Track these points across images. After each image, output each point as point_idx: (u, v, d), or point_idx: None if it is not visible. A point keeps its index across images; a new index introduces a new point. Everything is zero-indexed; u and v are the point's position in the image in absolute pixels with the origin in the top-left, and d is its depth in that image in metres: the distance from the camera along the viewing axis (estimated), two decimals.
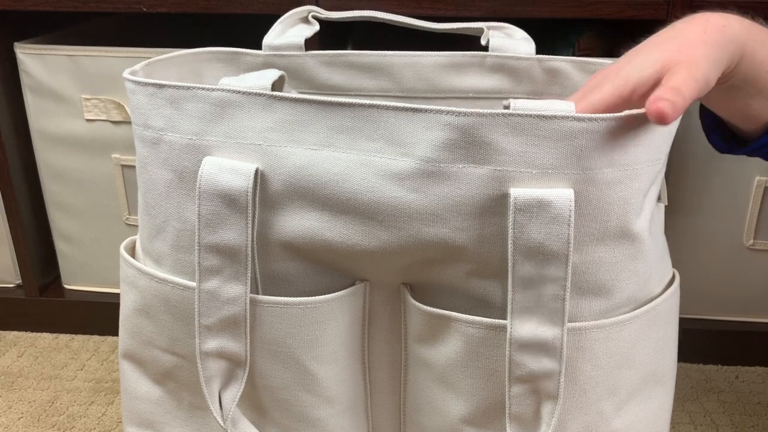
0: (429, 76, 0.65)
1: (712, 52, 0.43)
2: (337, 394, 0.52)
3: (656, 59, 0.43)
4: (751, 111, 0.48)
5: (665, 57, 0.43)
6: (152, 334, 0.53)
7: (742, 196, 0.92)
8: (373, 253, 0.47)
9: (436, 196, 0.44)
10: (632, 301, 0.48)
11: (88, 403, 0.92)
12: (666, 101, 0.39)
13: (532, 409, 0.46)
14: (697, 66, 0.42)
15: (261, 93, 0.46)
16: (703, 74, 0.42)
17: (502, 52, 0.63)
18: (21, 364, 1.00)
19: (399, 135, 0.44)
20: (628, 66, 0.44)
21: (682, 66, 0.42)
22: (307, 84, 0.65)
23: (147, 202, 0.52)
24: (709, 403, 0.92)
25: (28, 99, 0.99)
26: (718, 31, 0.44)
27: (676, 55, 0.43)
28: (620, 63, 0.45)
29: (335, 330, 0.50)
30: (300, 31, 0.64)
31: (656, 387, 0.51)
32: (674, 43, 0.44)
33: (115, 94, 0.96)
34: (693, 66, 0.42)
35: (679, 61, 0.43)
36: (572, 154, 0.42)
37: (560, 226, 0.42)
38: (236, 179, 0.46)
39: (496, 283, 0.46)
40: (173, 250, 0.51)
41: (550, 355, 0.44)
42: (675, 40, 0.44)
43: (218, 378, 0.50)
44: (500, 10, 0.87)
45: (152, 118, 0.49)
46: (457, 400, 0.49)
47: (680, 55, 0.43)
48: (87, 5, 0.92)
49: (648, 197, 0.46)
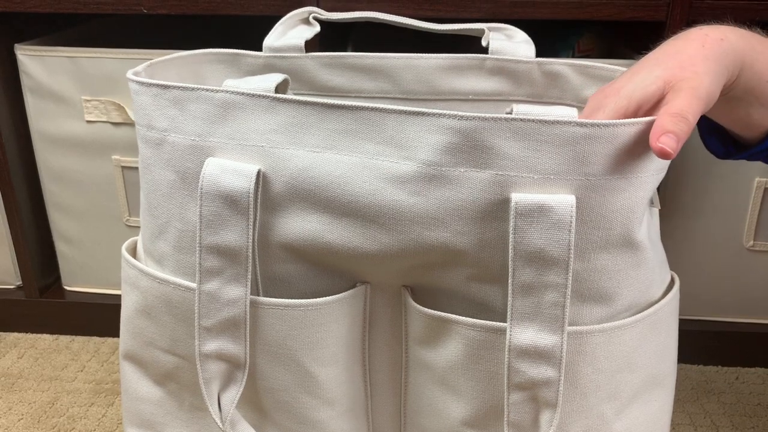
0: (429, 78, 0.65)
1: (713, 66, 0.43)
2: (337, 396, 0.52)
3: (658, 76, 0.43)
4: (752, 120, 0.48)
5: (667, 74, 0.43)
6: (153, 334, 0.53)
7: (741, 198, 0.92)
8: (373, 256, 0.47)
9: (437, 199, 0.44)
10: (633, 306, 0.48)
11: (89, 404, 0.92)
12: (669, 136, 0.39)
13: (530, 417, 0.46)
14: (700, 82, 0.42)
15: (264, 95, 0.46)
16: (706, 90, 0.42)
17: (502, 55, 0.63)
18: (21, 366, 1.00)
19: (401, 138, 0.44)
20: (630, 84, 0.44)
21: (684, 83, 0.42)
22: (307, 85, 0.65)
23: (149, 202, 0.52)
24: (710, 404, 0.92)
25: (29, 100, 0.99)
26: (716, 45, 0.44)
27: (678, 72, 0.43)
28: (620, 81, 0.45)
29: (336, 332, 0.50)
30: (300, 33, 0.64)
31: (657, 390, 0.51)
32: (675, 60, 0.44)
33: (116, 96, 0.96)
34: (696, 83, 0.42)
35: (681, 78, 0.43)
36: (574, 160, 0.42)
37: (561, 232, 0.42)
38: (238, 180, 0.46)
39: (496, 288, 0.46)
40: (175, 250, 0.51)
41: (549, 363, 0.44)
42: (676, 56, 0.44)
43: (217, 379, 0.50)
44: (500, 12, 0.87)
45: (156, 118, 0.49)
46: (457, 403, 0.49)
47: (682, 71, 0.43)
48: (87, 7, 0.92)
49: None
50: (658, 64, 0.44)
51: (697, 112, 0.41)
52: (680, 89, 0.42)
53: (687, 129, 0.40)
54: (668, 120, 0.40)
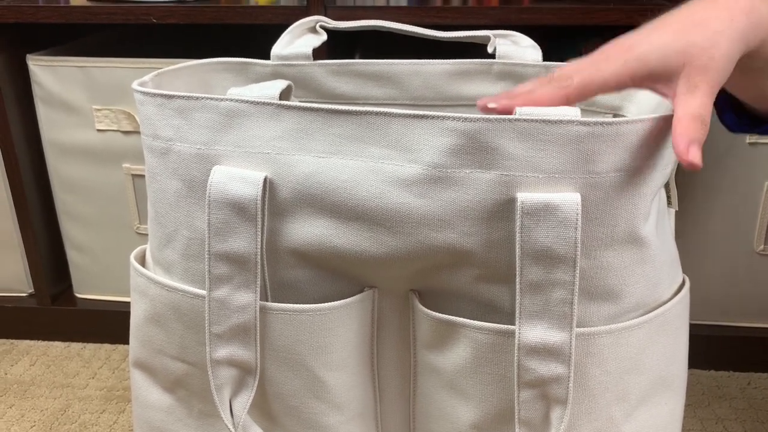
0: (436, 84, 0.65)
1: (735, 47, 0.41)
2: (346, 401, 0.52)
3: (679, 50, 0.41)
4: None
5: (689, 52, 0.41)
6: (163, 342, 0.54)
7: (752, 201, 0.92)
8: (381, 259, 0.47)
9: (443, 201, 0.44)
10: (641, 306, 0.48)
11: (100, 411, 0.92)
12: (695, 147, 0.39)
13: (541, 414, 0.46)
14: (716, 70, 0.41)
15: (269, 102, 0.46)
16: (720, 78, 0.41)
17: (509, 60, 0.63)
18: (33, 373, 1.01)
19: (406, 141, 0.44)
20: (645, 44, 0.42)
21: (702, 75, 0.41)
22: (315, 93, 0.66)
23: (157, 211, 0.52)
24: (721, 409, 0.91)
25: (40, 110, 1.00)
26: (744, 17, 0.42)
27: (698, 53, 0.41)
28: (638, 37, 0.43)
29: (344, 337, 0.50)
30: (308, 41, 0.64)
31: (666, 393, 0.51)
32: (699, 35, 0.41)
33: (126, 105, 0.97)
34: (712, 73, 0.41)
35: (701, 65, 0.41)
36: (579, 158, 0.42)
37: (567, 230, 0.43)
38: (245, 188, 0.46)
39: (504, 288, 0.46)
40: (183, 258, 0.51)
41: (558, 360, 0.44)
42: (699, 29, 0.42)
43: (229, 386, 0.50)
44: (507, 18, 0.87)
45: (161, 128, 0.50)
46: (466, 407, 0.49)
47: (703, 54, 0.41)
48: (98, 17, 0.93)
49: (654, 201, 0.46)
50: (681, 36, 0.42)
51: (711, 109, 0.40)
52: (696, 84, 0.41)
53: (706, 134, 0.39)
54: (691, 127, 0.39)
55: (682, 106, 0.41)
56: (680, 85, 0.41)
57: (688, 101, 0.41)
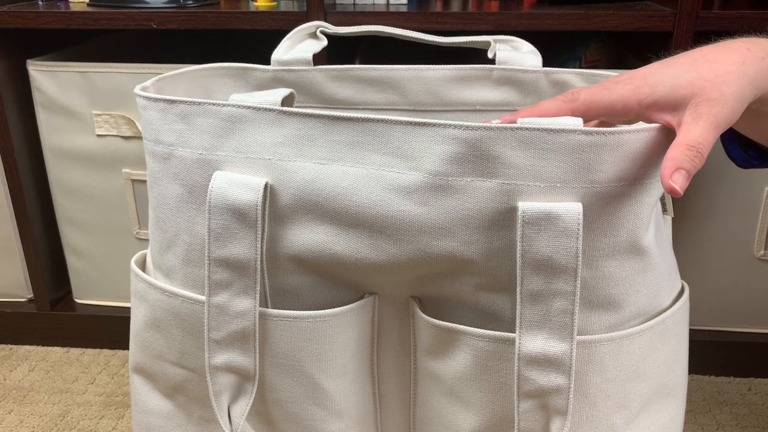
0: (436, 90, 0.65)
1: (744, 89, 0.42)
2: (346, 408, 0.52)
3: (689, 82, 0.42)
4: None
5: (698, 84, 0.42)
6: (162, 347, 0.54)
7: (752, 207, 0.92)
8: (381, 266, 0.47)
9: (444, 209, 0.44)
10: (642, 314, 0.48)
11: (99, 416, 0.92)
12: (682, 173, 0.39)
13: (541, 425, 0.46)
14: (723, 107, 0.41)
15: (271, 108, 0.46)
16: (727, 117, 0.42)
17: (509, 65, 0.63)
18: (32, 378, 1.01)
19: (407, 149, 0.44)
20: (658, 75, 0.43)
21: (708, 108, 0.41)
22: (315, 98, 0.66)
23: (158, 216, 0.52)
24: (722, 415, 0.91)
25: (40, 115, 1.00)
26: (756, 63, 0.43)
27: (708, 87, 0.42)
28: (650, 69, 0.44)
29: (344, 343, 0.50)
30: (308, 47, 0.64)
31: (667, 400, 0.51)
32: (710, 71, 0.43)
33: (126, 110, 0.97)
34: (718, 108, 0.41)
35: (709, 97, 0.42)
36: (580, 167, 0.42)
37: (568, 240, 0.42)
38: (246, 193, 0.46)
39: (505, 297, 0.46)
40: (184, 264, 0.51)
41: (559, 371, 0.44)
42: (712, 67, 0.43)
43: (227, 392, 0.50)
44: (507, 23, 0.87)
45: (163, 133, 0.50)
46: (466, 414, 0.49)
47: (712, 89, 0.42)
48: (98, 23, 0.93)
49: (654, 209, 0.46)
50: (693, 68, 0.43)
51: (711, 143, 0.41)
52: (701, 115, 0.41)
53: (699, 165, 0.40)
54: (684, 154, 0.40)
55: (683, 134, 0.41)
56: (687, 114, 0.42)
57: (690, 130, 0.41)
